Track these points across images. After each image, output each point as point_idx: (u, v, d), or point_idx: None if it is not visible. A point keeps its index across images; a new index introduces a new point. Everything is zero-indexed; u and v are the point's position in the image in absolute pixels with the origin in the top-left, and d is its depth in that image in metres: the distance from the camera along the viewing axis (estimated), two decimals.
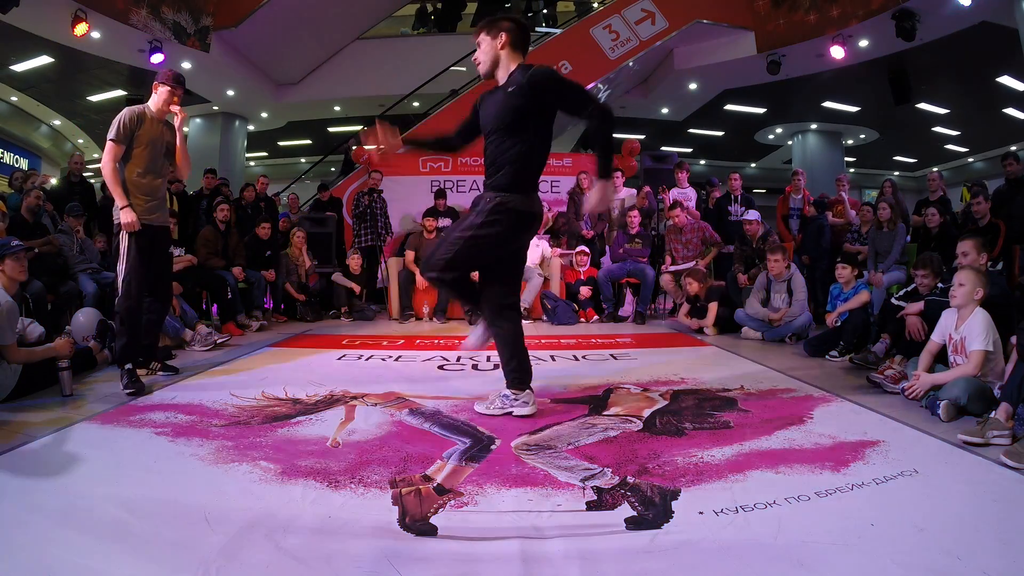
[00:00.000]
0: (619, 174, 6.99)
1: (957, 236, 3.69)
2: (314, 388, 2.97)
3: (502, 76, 2.44)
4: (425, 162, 7.98)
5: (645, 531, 1.50)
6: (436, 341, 4.60)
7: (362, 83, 10.33)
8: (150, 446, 2.13)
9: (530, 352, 2.57)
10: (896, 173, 15.05)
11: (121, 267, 3.10)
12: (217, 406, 2.64)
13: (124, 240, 3.08)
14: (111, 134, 3.02)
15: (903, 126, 12.25)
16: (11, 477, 1.83)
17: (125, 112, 3.07)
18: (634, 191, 6.85)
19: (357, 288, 6.18)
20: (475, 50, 2.49)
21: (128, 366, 2.97)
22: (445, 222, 6.60)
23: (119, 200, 3.04)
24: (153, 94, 3.17)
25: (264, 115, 11.69)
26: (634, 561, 1.37)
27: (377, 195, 6.74)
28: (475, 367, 3.57)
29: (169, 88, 3.15)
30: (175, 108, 3.19)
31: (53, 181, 7.26)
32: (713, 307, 5.01)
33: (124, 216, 3.03)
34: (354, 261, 6.22)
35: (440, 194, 7.03)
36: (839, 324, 3.98)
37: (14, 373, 2.73)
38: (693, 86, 10.35)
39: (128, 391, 2.86)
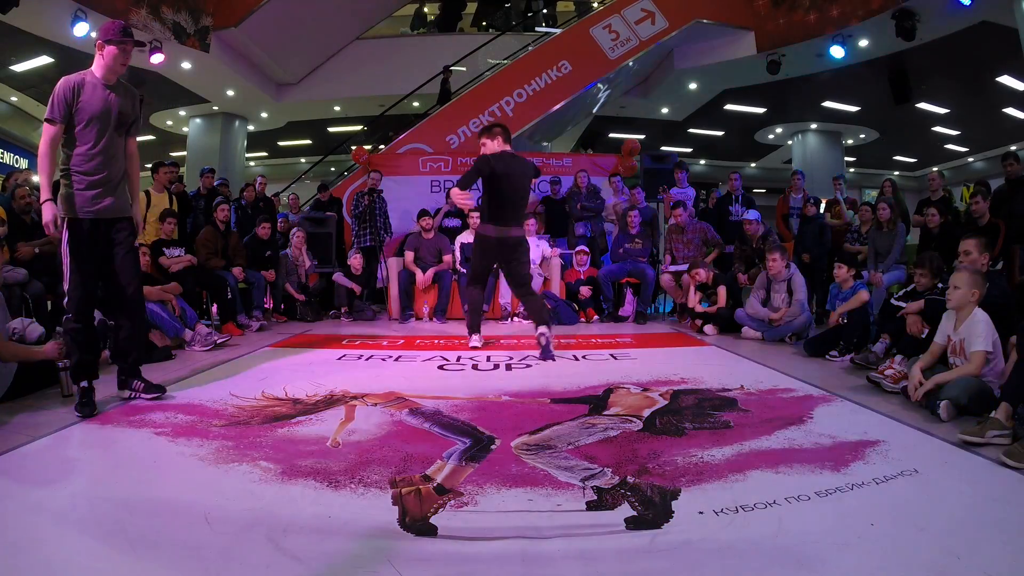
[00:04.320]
0: (618, 176, 7.09)
1: (959, 236, 3.68)
2: (314, 388, 2.97)
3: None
4: (425, 162, 7.98)
5: (645, 531, 1.50)
6: (436, 341, 4.60)
7: (362, 83, 10.33)
8: (150, 446, 2.13)
9: (530, 352, 2.57)
10: (896, 173, 15.03)
11: (65, 276, 2.58)
12: (217, 406, 2.64)
13: (64, 246, 2.56)
14: (46, 112, 2.50)
15: (903, 126, 12.24)
16: (11, 477, 1.83)
17: (60, 84, 2.52)
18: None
19: (357, 288, 6.18)
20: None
21: (83, 383, 2.55)
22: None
23: (42, 193, 2.51)
24: (98, 56, 2.60)
25: (264, 115, 11.69)
26: (634, 561, 1.37)
27: (377, 195, 6.73)
28: (475, 367, 3.57)
29: (117, 47, 2.58)
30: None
31: (34, 179, 7.19)
32: (722, 290, 5.07)
33: (44, 212, 2.50)
34: (356, 261, 6.22)
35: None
36: (842, 323, 3.98)
37: (9, 372, 2.71)
38: (693, 86, 10.35)
39: (76, 413, 2.46)
